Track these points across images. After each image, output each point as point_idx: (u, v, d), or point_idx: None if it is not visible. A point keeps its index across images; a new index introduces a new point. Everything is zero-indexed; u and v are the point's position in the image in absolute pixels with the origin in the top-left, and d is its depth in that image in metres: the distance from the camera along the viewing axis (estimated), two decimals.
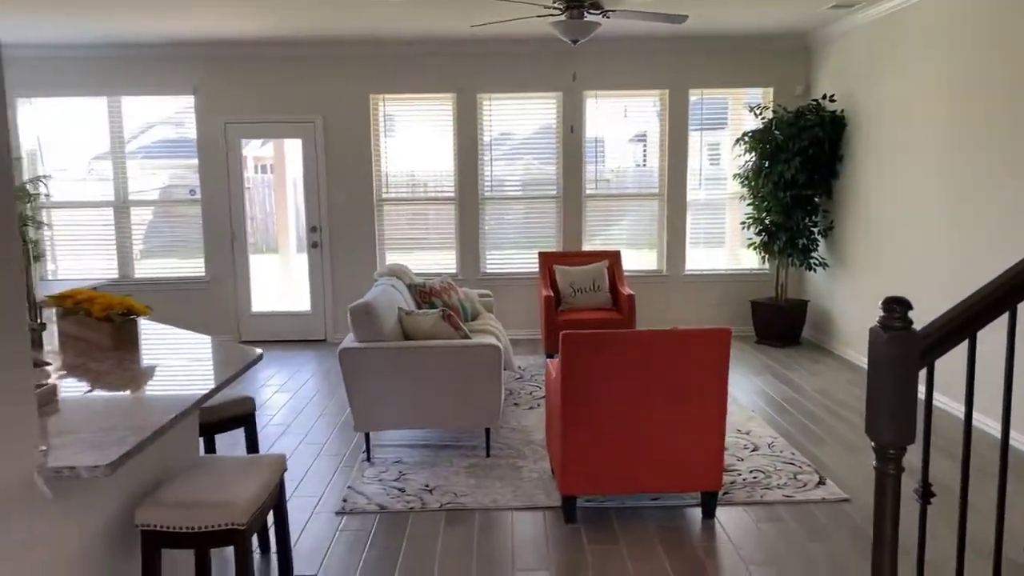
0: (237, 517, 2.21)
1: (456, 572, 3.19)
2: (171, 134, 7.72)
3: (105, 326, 3.06)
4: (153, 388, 2.52)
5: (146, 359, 2.95)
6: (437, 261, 7.75)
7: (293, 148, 7.69)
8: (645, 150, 7.71)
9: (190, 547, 2.22)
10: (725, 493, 3.85)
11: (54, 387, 2.44)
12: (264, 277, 7.88)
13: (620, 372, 3.37)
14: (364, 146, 7.53)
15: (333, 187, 7.57)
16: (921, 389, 4.58)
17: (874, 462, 1.78)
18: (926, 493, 1.81)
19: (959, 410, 5.03)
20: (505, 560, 3.29)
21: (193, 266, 7.73)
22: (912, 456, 4.17)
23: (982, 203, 4.81)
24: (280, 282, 8.05)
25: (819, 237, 7.07)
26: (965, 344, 1.80)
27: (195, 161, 7.56)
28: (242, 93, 7.43)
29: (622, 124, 7.67)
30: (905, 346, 1.69)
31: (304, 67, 7.40)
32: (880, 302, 1.72)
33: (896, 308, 1.71)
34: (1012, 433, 4.47)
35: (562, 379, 3.40)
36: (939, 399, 5.18)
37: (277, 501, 2.62)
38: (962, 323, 1.72)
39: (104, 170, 7.63)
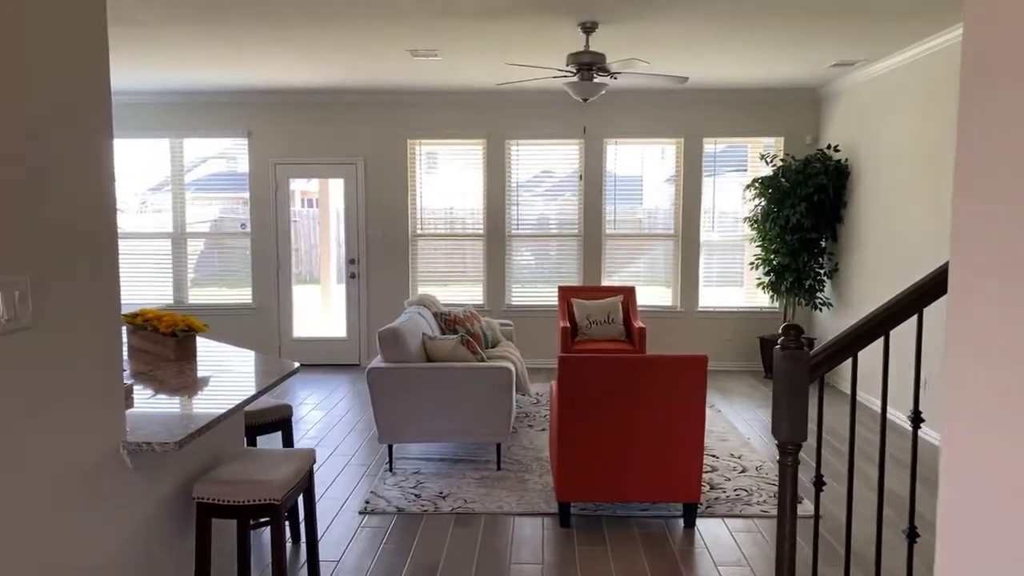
0: (274, 493, 2.72)
1: (460, 564, 3.65)
2: (222, 168, 8.44)
3: (169, 340, 3.63)
4: (209, 391, 3.05)
5: (202, 369, 3.50)
6: (465, 293, 8.29)
7: (336, 186, 8.35)
8: (675, 189, 8.16)
9: (235, 518, 2.73)
10: (708, 507, 4.25)
11: (130, 386, 2.99)
12: (305, 305, 8.50)
13: (610, 392, 3.83)
14: (401, 186, 8.15)
15: (372, 223, 8.19)
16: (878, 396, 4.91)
17: (777, 457, 2.22)
18: (818, 482, 2.24)
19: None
20: (504, 556, 3.74)
21: (240, 294, 8.39)
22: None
23: None
24: (320, 310, 8.66)
25: (825, 278, 7.45)
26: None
27: (244, 194, 8.26)
28: (291, 136, 8.13)
29: (659, 165, 8.18)
30: (797, 362, 2.15)
31: (347, 113, 8.08)
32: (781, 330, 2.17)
33: (792, 332, 2.17)
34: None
35: (559, 397, 3.87)
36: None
37: (307, 486, 3.12)
38: (844, 346, 2.17)
39: (159, 203, 8.37)
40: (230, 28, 5.33)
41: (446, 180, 8.26)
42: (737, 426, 5.95)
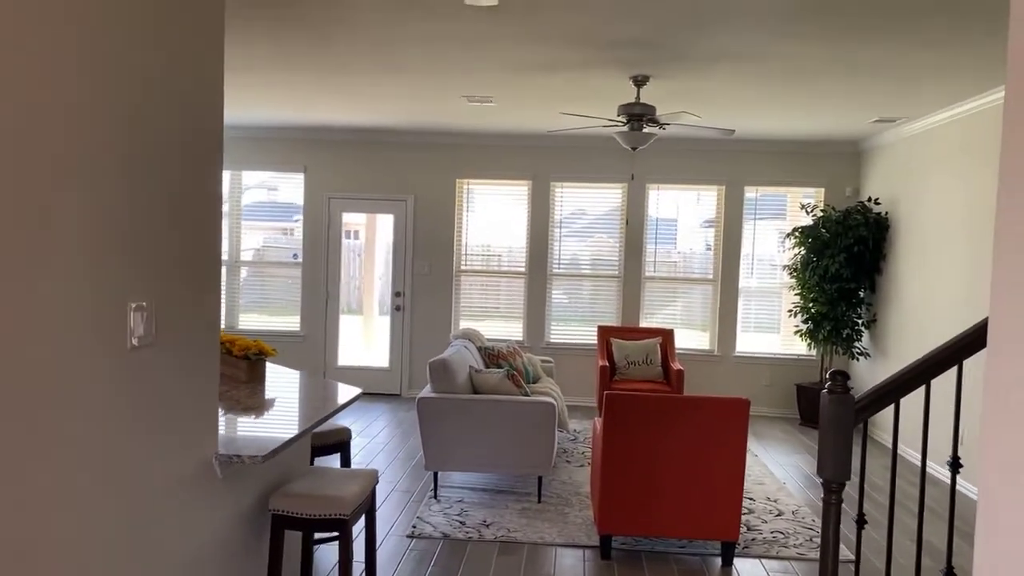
0: (344, 509, 2.92)
1: None
2: (266, 197, 8.83)
3: (242, 363, 3.87)
4: (279, 411, 3.28)
5: (270, 391, 3.74)
6: (506, 329, 8.50)
7: (385, 221, 8.66)
8: (715, 235, 8.37)
9: (301, 530, 2.93)
10: (745, 547, 4.36)
11: None
12: (348, 335, 8.77)
13: (654, 430, 3.99)
14: (448, 223, 8.44)
15: (418, 258, 8.48)
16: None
17: (814, 502, 2.38)
18: (860, 520, 2.38)
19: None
20: None
21: (286, 321, 8.68)
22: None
23: None
24: (362, 340, 8.92)
25: (863, 328, 7.53)
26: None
27: (291, 224, 8.61)
28: (345, 172, 8.48)
29: (695, 209, 8.39)
30: (844, 406, 2.31)
31: (400, 152, 8.42)
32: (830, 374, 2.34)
33: (838, 378, 2.34)
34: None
35: (604, 432, 4.04)
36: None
37: (370, 505, 3.32)
38: (887, 392, 2.33)
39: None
40: (298, 77, 5.67)
41: (490, 218, 8.53)
42: (773, 471, 6.03)
